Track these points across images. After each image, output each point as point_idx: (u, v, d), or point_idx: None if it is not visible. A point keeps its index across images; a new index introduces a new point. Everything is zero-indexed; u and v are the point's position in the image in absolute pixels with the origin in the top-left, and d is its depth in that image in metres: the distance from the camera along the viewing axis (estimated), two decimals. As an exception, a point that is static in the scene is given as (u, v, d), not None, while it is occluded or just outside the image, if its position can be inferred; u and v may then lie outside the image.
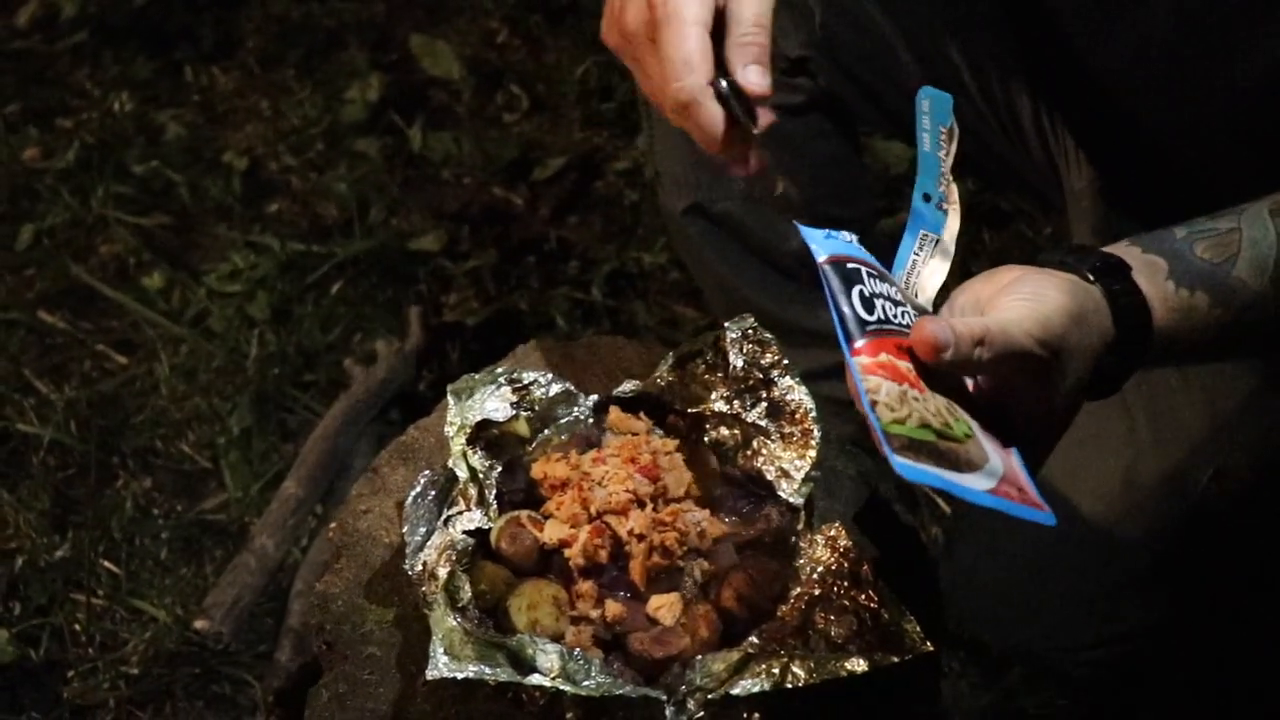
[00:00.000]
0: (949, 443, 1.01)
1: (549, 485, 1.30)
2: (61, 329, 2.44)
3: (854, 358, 1.02)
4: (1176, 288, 1.19)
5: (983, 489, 1.00)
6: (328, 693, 1.23)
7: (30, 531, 2.10)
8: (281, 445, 2.23)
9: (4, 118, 2.86)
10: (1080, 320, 1.11)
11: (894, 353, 1.04)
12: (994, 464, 1.03)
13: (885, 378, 1.01)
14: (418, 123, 2.82)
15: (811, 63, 1.74)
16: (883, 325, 1.05)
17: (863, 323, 1.04)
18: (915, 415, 1.00)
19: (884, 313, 1.06)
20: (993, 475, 1.02)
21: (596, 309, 2.47)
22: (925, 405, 1.02)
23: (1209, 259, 1.21)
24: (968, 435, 1.03)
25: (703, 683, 1.13)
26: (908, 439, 0.99)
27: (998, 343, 1.04)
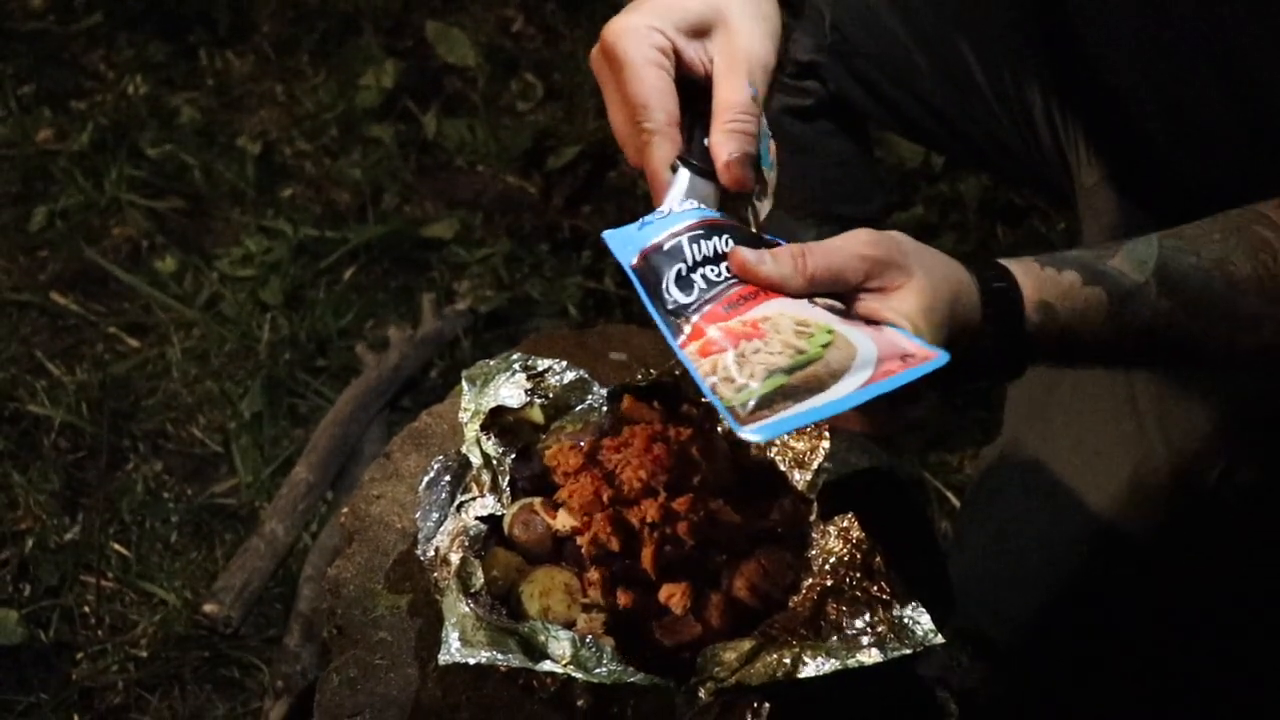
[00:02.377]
0: (805, 370, 1.01)
1: (562, 473, 1.29)
2: (74, 311, 2.45)
3: (682, 350, 1.06)
4: (1043, 266, 1.19)
5: (856, 387, 1.00)
6: (338, 677, 1.23)
7: (41, 513, 2.11)
8: (292, 430, 2.23)
9: (18, 99, 2.86)
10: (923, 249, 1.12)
11: (725, 315, 1.06)
12: (865, 352, 1.03)
13: (721, 349, 1.03)
14: (432, 110, 2.82)
15: (822, 67, 1.74)
16: (706, 294, 1.08)
17: (682, 309, 1.08)
18: (760, 368, 1.01)
19: (706, 280, 1.09)
20: (866, 364, 1.02)
21: (609, 298, 2.47)
22: (769, 347, 1.03)
23: (1079, 254, 1.22)
24: (827, 342, 1.03)
25: (714, 671, 1.13)
26: (757, 399, 1.00)
27: (817, 251, 1.08)
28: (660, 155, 1.18)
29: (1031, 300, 1.17)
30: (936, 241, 2.52)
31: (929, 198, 2.62)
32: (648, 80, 1.17)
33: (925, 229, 2.57)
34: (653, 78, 1.17)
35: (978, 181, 2.62)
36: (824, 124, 1.81)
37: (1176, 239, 1.24)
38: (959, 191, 2.62)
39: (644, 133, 1.18)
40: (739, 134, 1.17)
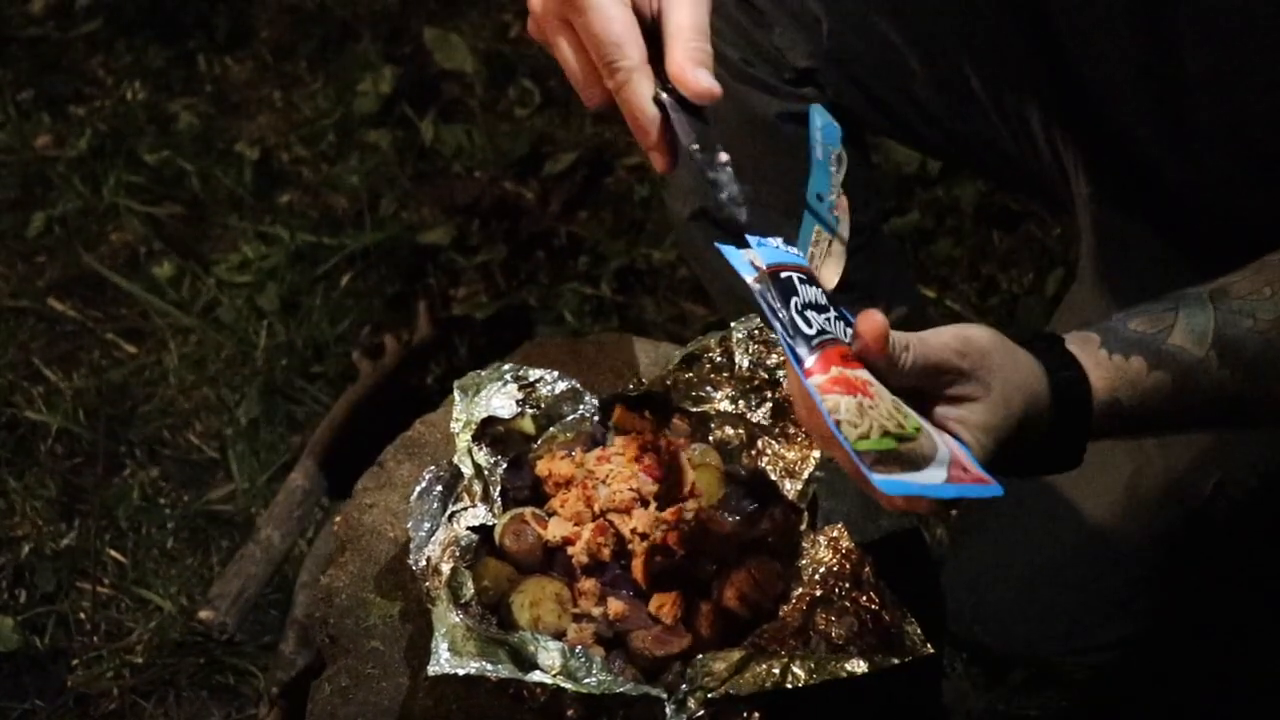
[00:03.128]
0: (907, 444, 1.01)
1: (553, 483, 1.30)
2: (71, 317, 2.45)
3: (809, 379, 1.01)
4: (1110, 354, 1.19)
5: (939, 480, 1.00)
6: (330, 686, 1.23)
7: (37, 519, 2.11)
8: (289, 437, 2.24)
9: (17, 105, 2.86)
10: (1009, 356, 1.12)
11: (840, 363, 1.03)
12: (942, 451, 1.03)
13: (841, 393, 1.00)
14: (430, 116, 2.82)
15: (818, 73, 1.74)
16: (823, 335, 1.04)
17: (808, 339, 1.03)
18: (875, 425, 1.00)
19: (819, 323, 1.05)
20: (944, 463, 1.02)
21: (605, 305, 2.48)
22: (879, 412, 1.01)
23: (1141, 330, 1.22)
24: (918, 429, 1.03)
25: (703, 681, 1.13)
26: (876, 453, 0.98)
27: (917, 349, 1.06)
28: (642, 91, 1.14)
29: (1101, 398, 1.17)
30: (933, 247, 2.54)
31: (925, 203, 2.62)
32: (617, 18, 1.13)
33: (922, 234, 2.58)
34: (620, 14, 1.14)
35: (974, 187, 2.62)
36: None
37: (1228, 298, 1.23)
38: (955, 197, 2.62)
39: (619, 72, 1.14)
40: (699, 51, 1.14)
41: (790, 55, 1.73)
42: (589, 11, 1.13)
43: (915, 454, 1.00)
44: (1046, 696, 1.88)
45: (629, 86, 1.15)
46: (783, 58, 1.73)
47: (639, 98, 1.14)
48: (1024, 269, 2.52)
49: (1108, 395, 1.18)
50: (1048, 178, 1.74)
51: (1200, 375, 1.21)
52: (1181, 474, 1.65)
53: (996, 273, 2.52)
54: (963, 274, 2.52)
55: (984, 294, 2.48)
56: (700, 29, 1.15)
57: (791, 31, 1.72)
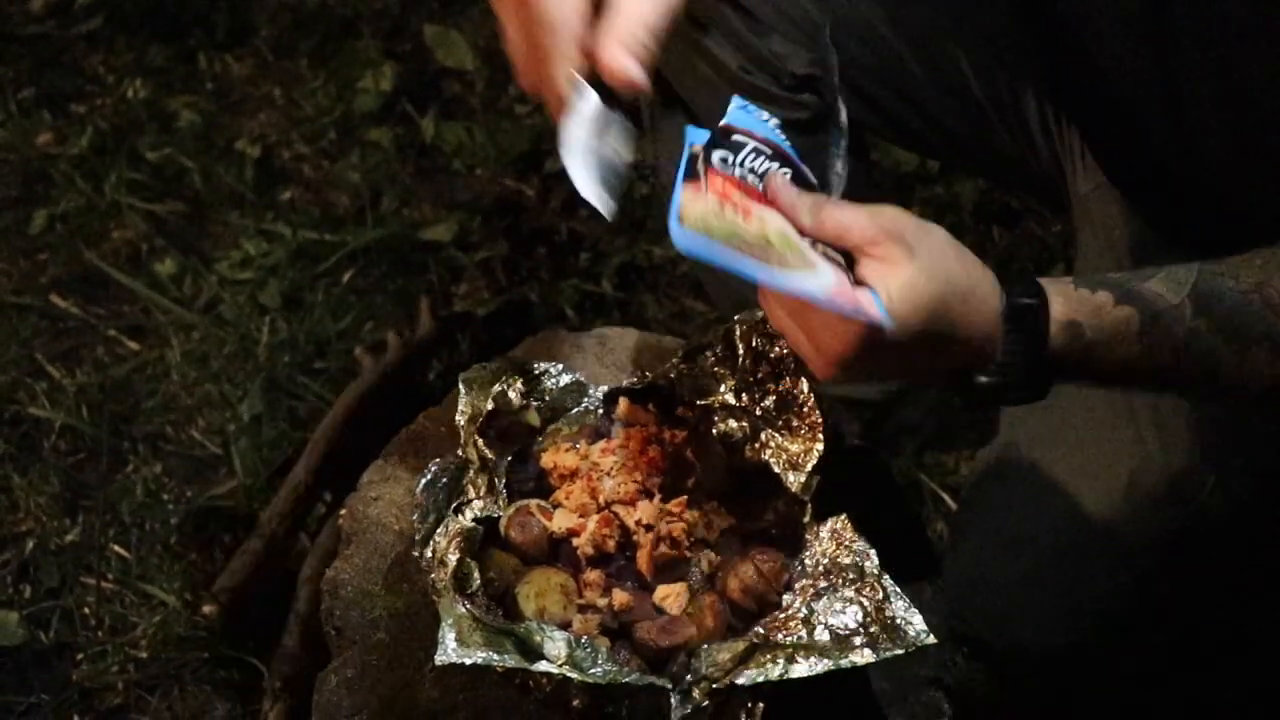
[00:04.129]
0: (761, 247, 1.06)
1: (558, 475, 1.31)
2: (74, 314, 2.45)
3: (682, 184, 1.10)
4: (1077, 287, 1.19)
5: (789, 283, 1.04)
6: (336, 677, 1.24)
7: (41, 515, 2.11)
8: (291, 432, 2.24)
9: (18, 103, 2.87)
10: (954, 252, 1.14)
11: (738, 188, 1.10)
12: (822, 277, 1.06)
13: (714, 197, 1.08)
14: (430, 113, 2.83)
15: (819, 79, 1.74)
16: (731, 169, 1.12)
17: (708, 156, 1.12)
18: (727, 221, 1.06)
19: (740, 167, 1.13)
20: (814, 280, 1.05)
21: (606, 301, 2.48)
22: (745, 226, 1.07)
23: (1118, 276, 1.22)
24: (794, 253, 1.07)
25: (708, 672, 1.14)
26: (706, 227, 1.05)
27: (836, 207, 1.12)
28: (561, 72, 1.13)
29: (1059, 319, 1.16)
30: (932, 244, 2.54)
31: (925, 200, 2.63)
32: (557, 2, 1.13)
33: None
34: None
35: (974, 184, 2.62)
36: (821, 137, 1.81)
37: (1217, 264, 1.23)
38: (955, 194, 2.63)
39: (543, 51, 1.13)
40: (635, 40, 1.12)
41: (789, 62, 1.73)
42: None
43: (765, 254, 1.05)
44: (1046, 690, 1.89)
45: (548, 65, 1.14)
46: (782, 64, 1.73)
47: (557, 78, 1.14)
48: (1024, 266, 2.53)
49: (1065, 317, 1.16)
50: (1046, 177, 1.74)
51: (1172, 320, 1.19)
52: (1182, 471, 1.65)
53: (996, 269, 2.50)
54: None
55: (984, 290, 2.48)
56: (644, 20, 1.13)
57: (790, 38, 1.72)
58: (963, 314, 1.12)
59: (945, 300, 1.11)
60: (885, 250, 1.10)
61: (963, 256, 1.15)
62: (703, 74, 1.75)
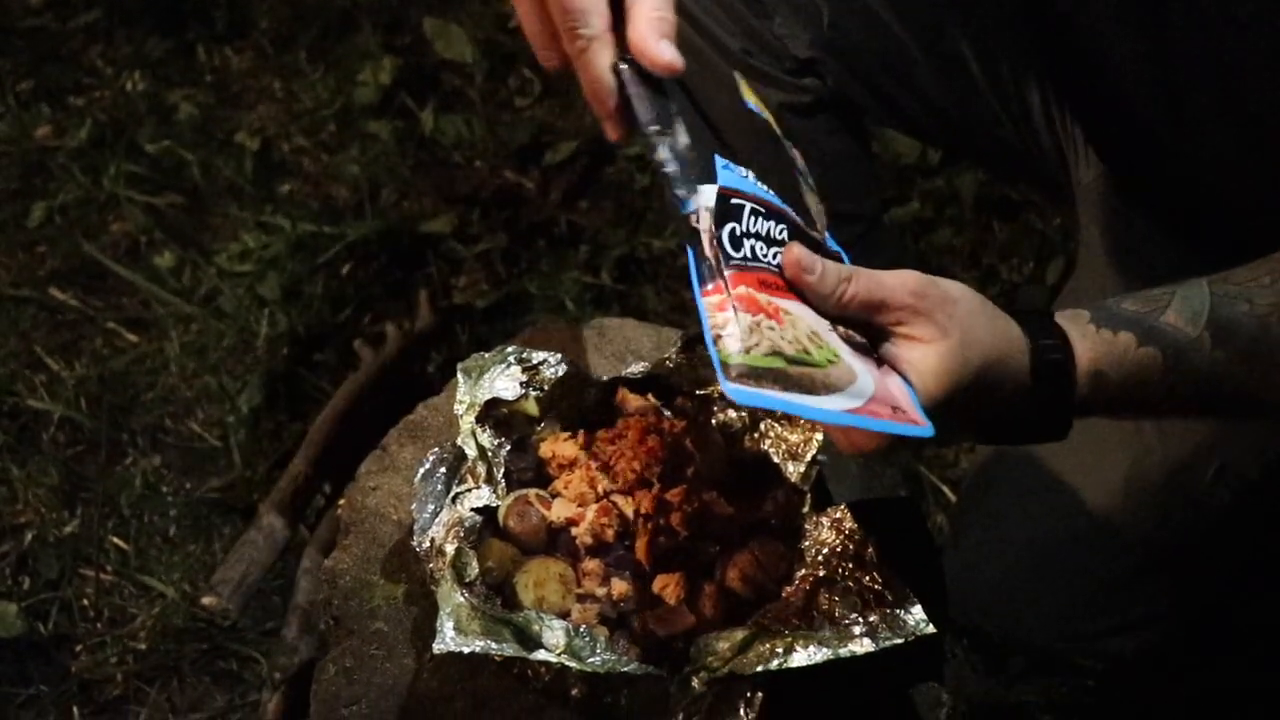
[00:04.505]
0: (802, 368, 1.02)
1: (557, 464, 1.31)
2: (73, 306, 2.45)
3: (704, 298, 1.05)
4: (1099, 328, 1.18)
5: (839, 408, 1.01)
6: (335, 667, 1.23)
7: (40, 506, 2.12)
8: (290, 424, 2.24)
9: (17, 95, 2.87)
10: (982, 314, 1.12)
11: (756, 286, 1.06)
12: (862, 385, 1.04)
13: (741, 310, 1.03)
14: (430, 106, 2.83)
15: (820, 64, 1.74)
16: (748, 262, 1.07)
17: (727, 258, 1.07)
18: (765, 343, 1.02)
19: (752, 252, 1.08)
20: (858, 396, 1.02)
21: (606, 293, 2.48)
22: (781, 334, 1.04)
23: (1134, 309, 1.21)
24: (831, 361, 1.04)
25: (706, 661, 1.13)
26: (749, 367, 1.00)
27: (862, 282, 1.08)
28: (601, 61, 1.12)
29: (1085, 369, 1.16)
30: (933, 236, 2.55)
31: (925, 192, 2.63)
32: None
33: (921, 224, 2.58)
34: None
35: (974, 176, 2.62)
36: (822, 121, 1.81)
37: (1226, 284, 1.22)
38: (955, 186, 2.62)
39: (579, 39, 1.12)
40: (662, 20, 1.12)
41: (791, 45, 1.73)
42: None
43: (809, 379, 1.02)
44: (1046, 683, 1.89)
45: (587, 55, 1.13)
46: (783, 48, 1.73)
47: (597, 67, 1.13)
48: (1024, 258, 2.53)
49: (1091, 366, 1.16)
50: (1048, 166, 1.74)
51: (1192, 354, 1.19)
52: (1182, 462, 1.66)
53: (996, 262, 2.52)
54: (963, 263, 2.52)
55: (984, 283, 2.48)
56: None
57: (792, 21, 1.72)
58: (994, 381, 1.12)
59: (979, 375, 1.10)
60: (916, 329, 1.09)
61: (991, 321, 1.13)
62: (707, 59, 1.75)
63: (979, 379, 1.10)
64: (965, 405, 1.10)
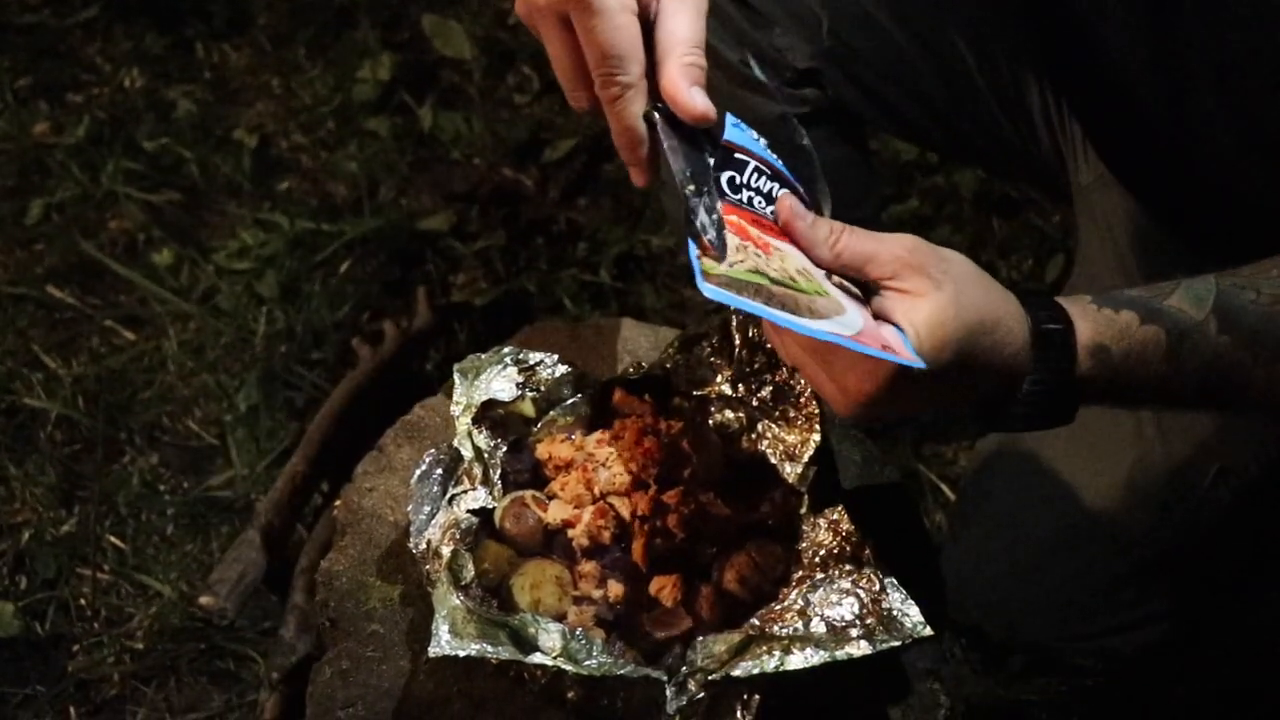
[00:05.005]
0: (786, 289, 1.02)
1: (553, 466, 1.30)
2: (70, 304, 2.45)
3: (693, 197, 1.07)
4: (1100, 307, 1.17)
5: (820, 328, 1.01)
6: (331, 669, 1.23)
7: (37, 505, 2.11)
8: (288, 423, 2.24)
9: (14, 92, 2.86)
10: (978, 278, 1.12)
11: (749, 221, 1.08)
12: (850, 319, 1.04)
13: (729, 231, 1.05)
14: (428, 103, 2.82)
15: (820, 73, 1.73)
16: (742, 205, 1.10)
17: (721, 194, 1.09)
18: (749, 262, 1.03)
19: (748, 200, 1.10)
20: (845, 326, 1.02)
21: (604, 291, 2.48)
22: (767, 262, 1.04)
23: (1136, 293, 1.20)
24: (819, 293, 1.04)
25: (703, 664, 1.13)
26: (729, 277, 1.01)
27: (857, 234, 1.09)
28: (635, 109, 1.11)
29: (1085, 343, 1.14)
30: (932, 234, 2.54)
31: (924, 190, 2.62)
32: (624, 27, 1.10)
33: (921, 222, 2.58)
34: (628, 24, 1.10)
35: (974, 174, 2.62)
36: (822, 131, 1.81)
37: (1234, 276, 1.21)
38: (954, 184, 2.62)
39: (615, 86, 1.11)
40: (695, 68, 1.11)
41: (790, 56, 1.72)
42: (597, 17, 1.09)
43: (794, 300, 1.02)
44: (1045, 682, 1.89)
45: (622, 102, 1.11)
46: (783, 58, 1.72)
47: (631, 116, 1.12)
48: (1023, 255, 2.52)
49: (1092, 340, 1.14)
50: (1047, 166, 1.74)
51: (1197, 337, 1.18)
52: (1183, 462, 1.65)
53: (996, 259, 2.52)
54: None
55: (983, 280, 2.47)
56: (697, 42, 1.13)
57: (791, 32, 1.71)
58: (990, 345, 1.10)
59: (973, 333, 1.09)
60: (908, 283, 1.08)
61: (987, 285, 1.13)
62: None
63: (972, 338, 1.09)
64: (960, 366, 1.08)
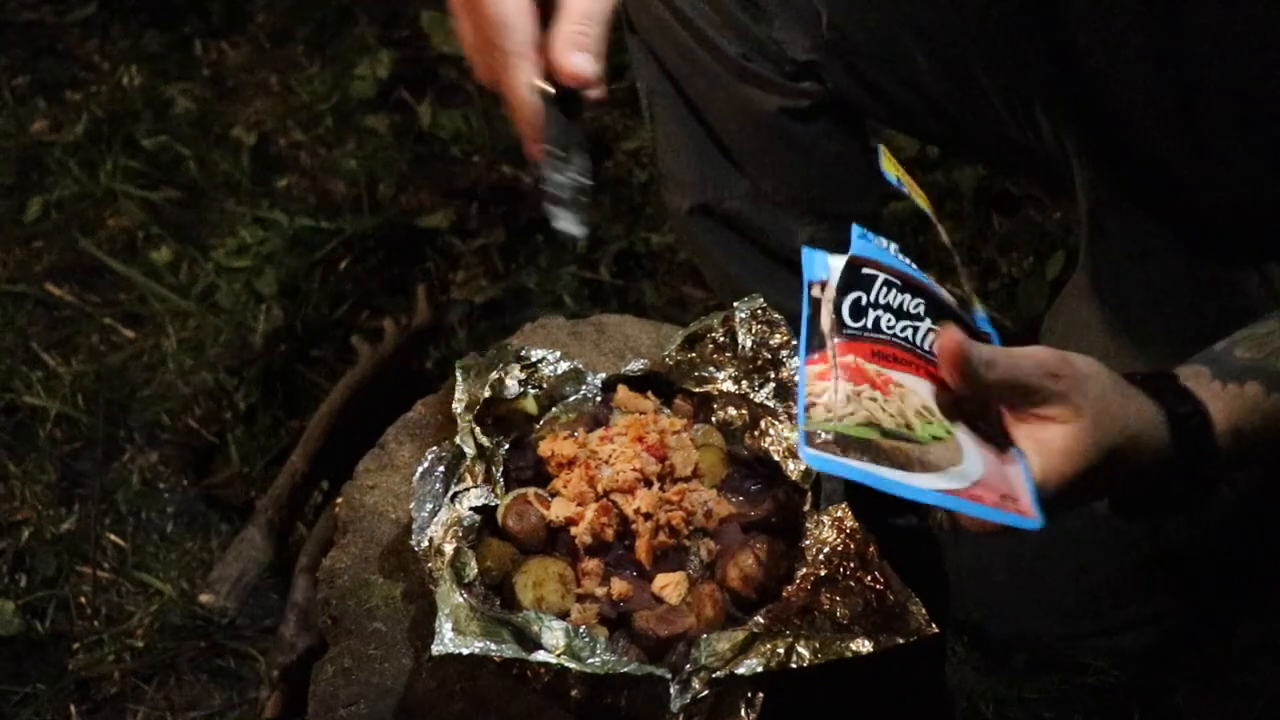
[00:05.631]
0: (898, 442, 1.01)
1: (556, 463, 1.30)
2: (69, 302, 2.45)
3: (807, 366, 1.05)
4: (1224, 384, 1.16)
5: (933, 487, 0.99)
6: (333, 667, 1.23)
7: (37, 504, 2.11)
8: (288, 421, 2.23)
9: (13, 90, 2.86)
10: (1114, 390, 1.10)
11: (868, 357, 1.05)
12: (968, 467, 1.02)
13: (844, 379, 1.03)
14: (427, 100, 2.82)
15: (819, 66, 1.73)
16: (865, 332, 1.08)
17: (842, 325, 1.07)
18: (862, 413, 1.01)
19: (875, 323, 1.08)
20: (960, 478, 1.01)
21: (604, 288, 2.47)
22: (884, 405, 1.03)
23: (1249, 356, 1.19)
24: (937, 438, 1.02)
25: (707, 661, 1.13)
26: (837, 434, 1.00)
27: (1004, 365, 1.06)
28: (522, 78, 1.14)
29: (1223, 429, 1.14)
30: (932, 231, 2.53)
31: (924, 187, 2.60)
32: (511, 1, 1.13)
33: (921, 219, 2.56)
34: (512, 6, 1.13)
35: (973, 171, 2.61)
36: (822, 124, 1.80)
37: None
38: (954, 181, 2.61)
39: (499, 53, 1.13)
40: (582, 35, 1.14)
41: (790, 48, 1.72)
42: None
43: (903, 454, 1.00)
44: (1047, 681, 1.88)
45: (508, 71, 1.14)
46: (782, 51, 1.72)
47: (517, 84, 1.14)
48: (1024, 252, 2.52)
49: (1228, 425, 1.14)
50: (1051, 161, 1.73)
51: None
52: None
53: (996, 256, 2.51)
54: (963, 258, 2.51)
55: (984, 277, 2.47)
56: (588, 13, 1.15)
57: (790, 24, 1.71)
58: (1131, 460, 1.10)
59: (1111, 454, 1.08)
60: (1046, 408, 1.07)
61: (1124, 398, 1.12)
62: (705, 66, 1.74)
63: (1111, 459, 1.08)
64: (1093, 485, 1.09)
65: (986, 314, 1.20)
